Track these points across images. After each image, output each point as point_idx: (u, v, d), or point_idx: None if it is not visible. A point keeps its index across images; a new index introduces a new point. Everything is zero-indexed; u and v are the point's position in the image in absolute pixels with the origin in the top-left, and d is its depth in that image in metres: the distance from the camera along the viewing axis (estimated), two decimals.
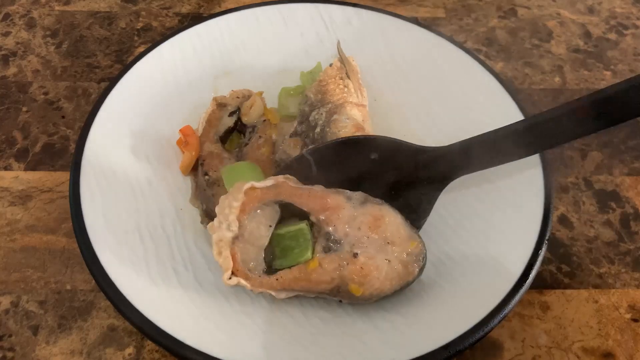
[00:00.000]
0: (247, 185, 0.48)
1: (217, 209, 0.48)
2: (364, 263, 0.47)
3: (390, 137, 0.52)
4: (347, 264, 0.47)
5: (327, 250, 0.48)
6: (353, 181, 0.52)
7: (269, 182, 0.48)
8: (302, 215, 0.49)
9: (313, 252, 0.48)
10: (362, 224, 0.48)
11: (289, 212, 0.50)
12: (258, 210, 0.48)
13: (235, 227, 0.47)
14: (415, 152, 0.52)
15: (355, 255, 0.47)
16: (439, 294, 0.50)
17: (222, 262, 0.47)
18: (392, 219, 0.49)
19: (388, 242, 0.48)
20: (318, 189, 0.50)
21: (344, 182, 0.51)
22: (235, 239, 0.47)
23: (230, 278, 0.47)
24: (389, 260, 0.47)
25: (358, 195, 0.49)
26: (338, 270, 0.47)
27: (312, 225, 0.49)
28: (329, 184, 0.51)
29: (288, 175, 0.50)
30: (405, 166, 0.52)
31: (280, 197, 0.48)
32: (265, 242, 0.48)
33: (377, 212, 0.49)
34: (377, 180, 0.52)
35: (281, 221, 0.50)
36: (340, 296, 0.48)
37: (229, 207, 0.47)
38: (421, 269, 0.49)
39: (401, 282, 0.48)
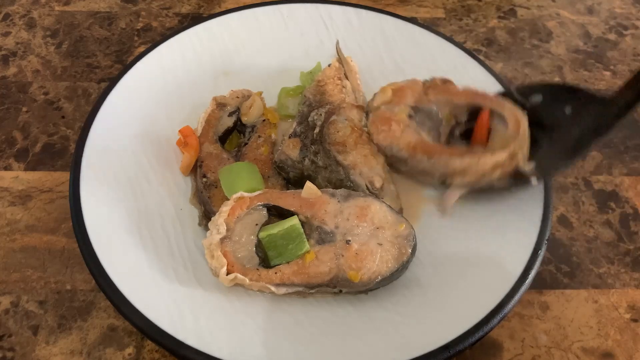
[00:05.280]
0: (237, 194, 0.51)
1: (210, 224, 0.50)
2: (358, 249, 0.49)
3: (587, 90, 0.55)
4: (342, 252, 0.49)
5: (320, 242, 0.49)
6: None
7: (258, 192, 0.52)
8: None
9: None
10: (350, 215, 0.50)
11: (277, 219, 0.52)
12: (246, 214, 0.50)
13: (223, 229, 0.49)
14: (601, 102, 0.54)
15: (348, 242, 0.49)
16: (439, 294, 0.50)
17: (215, 262, 0.48)
18: (377, 207, 0.51)
19: (377, 228, 0.50)
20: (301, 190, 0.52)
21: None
22: (225, 239, 0.49)
23: (227, 275, 0.48)
24: (381, 244, 0.49)
25: (341, 191, 0.52)
26: (334, 259, 0.48)
27: (302, 223, 0.50)
28: None
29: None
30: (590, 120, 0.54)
31: (267, 201, 0.51)
32: (254, 239, 0.50)
33: (362, 203, 0.51)
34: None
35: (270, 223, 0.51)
36: (340, 285, 0.49)
37: (219, 213, 0.50)
38: (413, 249, 0.50)
39: (397, 264, 0.49)
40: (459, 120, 0.57)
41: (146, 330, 0.45)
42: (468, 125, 0.58)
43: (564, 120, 0.55)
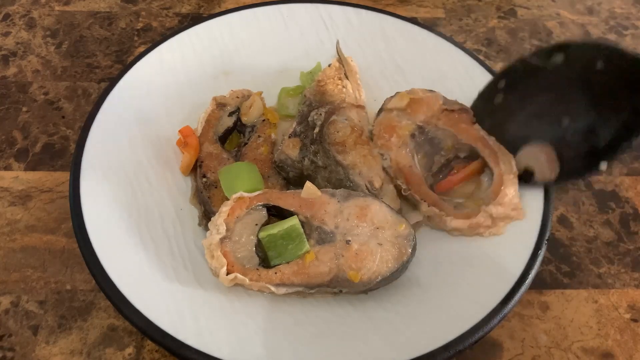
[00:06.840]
0: (236, 194, 0.51)
1: (209, 224, 0.50)
2: (358, 249, 0.49)
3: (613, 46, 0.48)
4: (342, 252, 0.49)
5: (320, 242, 0.49)
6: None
7: (258, 192, 0.52)
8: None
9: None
10: (350, 215, 0.50)
11: (277, 219, 0.52)
12: (246, 214, 0.50)
13: (222, 230, 0.49)
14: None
15: (348, 242, 0.49)
16: (439, 294, 0.50)
17: (215, 262, 0.48)
18: (377, 208, 0.51)
19: (377, 228, 0.50)
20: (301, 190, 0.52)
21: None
22: (225, 239, 0.49)
23: (227, 275, 0.48)
24: (381, 244, 0.49)
25: (341, 191, 0.52)
26: (334, 259, 0.48)
27: (302, 223, 0.50)
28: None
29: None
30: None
31: (267, 201, 0.51)
32: (254, 239, 0.50)
33: (362, 203, 0.51)
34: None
35: (270, 223, 0.51)
36: (340, 286, 0.49)
37: (218, 213, 0.50)
38: (413, 249, 0.50)
39: (397, 264, 0.49)
40: (458, 155, 0.57)
41: (146, 330, 0.45)
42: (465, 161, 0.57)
43: (596, 74, 0.48)
